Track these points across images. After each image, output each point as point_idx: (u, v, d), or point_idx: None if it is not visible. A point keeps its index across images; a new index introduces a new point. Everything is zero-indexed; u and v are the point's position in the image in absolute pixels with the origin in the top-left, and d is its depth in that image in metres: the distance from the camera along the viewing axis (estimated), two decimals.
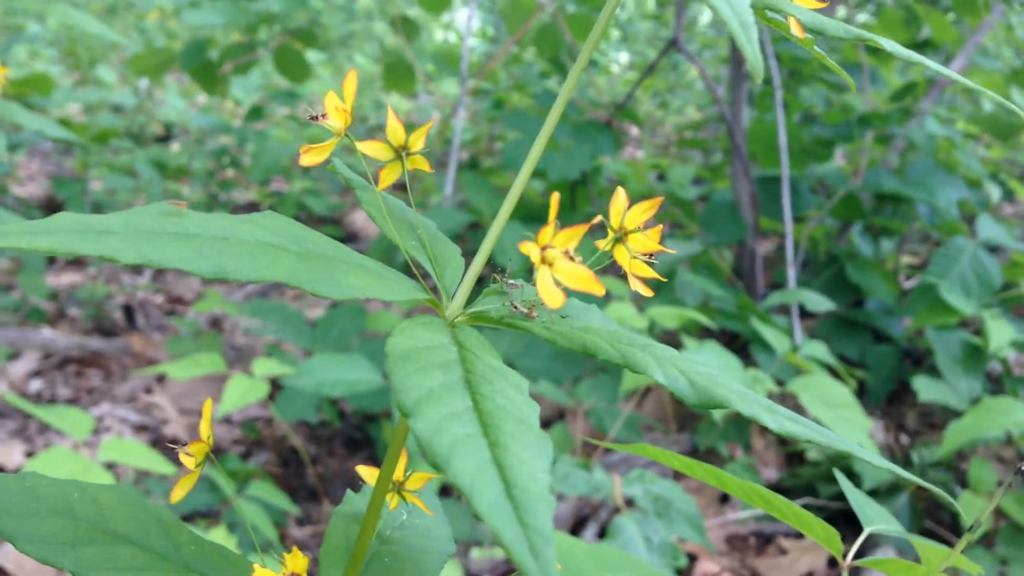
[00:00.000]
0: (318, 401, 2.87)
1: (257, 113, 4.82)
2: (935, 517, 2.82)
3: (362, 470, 0.85)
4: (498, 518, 0.49)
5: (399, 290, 0.67)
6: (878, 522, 1.19)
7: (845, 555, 1.00)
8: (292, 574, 0.74)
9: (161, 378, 3.46)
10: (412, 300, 0.67)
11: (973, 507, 2.50)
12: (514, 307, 0.69)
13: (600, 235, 0.70)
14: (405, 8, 5.30)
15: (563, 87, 0.69)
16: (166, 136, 6.49)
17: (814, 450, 2.96)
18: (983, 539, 2.63)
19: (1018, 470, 0.88)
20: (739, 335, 3.58)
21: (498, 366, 0.62)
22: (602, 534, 2.60)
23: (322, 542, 0.86)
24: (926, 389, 2.96)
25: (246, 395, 2.52)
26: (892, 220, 3.82)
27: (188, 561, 0.79)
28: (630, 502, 2.31)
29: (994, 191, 3.94)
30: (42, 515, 0.76)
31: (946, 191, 3.49)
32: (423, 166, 0.73)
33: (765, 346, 3.04)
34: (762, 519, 2.78)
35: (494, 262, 2.77)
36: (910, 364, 3.56)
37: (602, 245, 0.69)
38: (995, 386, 3.37)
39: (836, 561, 2.53)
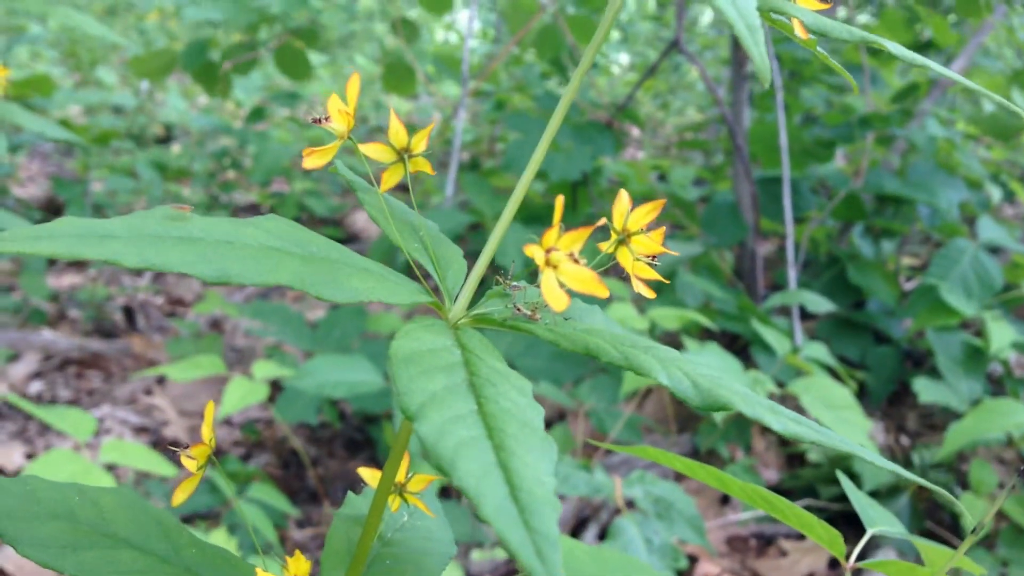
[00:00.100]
0: (319, 403, 2.87)
1: (258, 114, 4.82)
2: (935, 518, 2.81)
3: (364, 472, 0.85)
4: (504, 521, 0.49)
5: (402, 293, 0.67)
6: (880, 523, 1.19)
7: (847, 556, 1.00)
8: None
9: (161, 380, 3.46)
10: (415, 303, 0.67)
11: (974, 509, 2.50)
12: (517, 309, 0.69)
13: (601, 236, 0.70)
14: (406, 9, 5.30)
15: (566, 90, 0.69)
16: (167, 137, 6.49)
17: (815, 452, 2.96)
18: (984, 540, 2.63)
19: (1020, 472, 0.88)
20: (740, 336, 3.58)
21: (502, 368, 0.62)
22: (603, 535, 2.60)
23: (323, 544, 0.86)
24: (927, 390, 2.96)
25: (246, 397, 2.52)
26: (893, 221, 3.82)
27: (189, 564, 0.79)
28: (631, 503, 2.31)
29: (995, 192, 3.94)
30: (43, 518, 0.76)
31: (947, 192, 3.50)
32: (425, 168, 0.73)
33: (766, 347, 3.04)
34: (763, 520, 2.78)
35: (496, 264, 2.77)
36: (911, 365, 3.56)
37: (605, 247, 0.68)
38: (996, 387, 3.37)
39: (837, 562, 2.53)
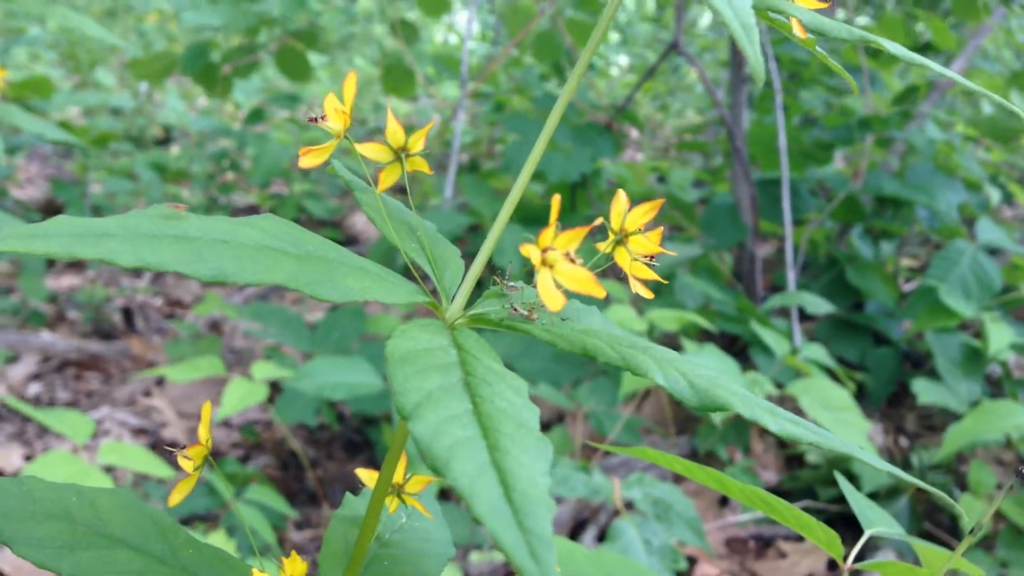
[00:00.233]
0: (318, 404, 2.87)
1: (257, 116, 4.81)
2: (934, 520, 2.81)
3: (361, 473, 0.85)
4: (497, 522, 0.48)
5: (399, 292, 0.67)
6: (879, 525, 1.19)
7: (846, 558, 0.99)
8: None
9: (160, 381, 3.46)
10: (412, 302, 0.67)
11: (972, 510, 2.50)
12: (514, 309, 0.69)
13: (599, 237, 0.70)
14: (405, 11, 5.30)
15: (563, 91, 0.69)
16: (166, 139, 6.48)
17: (813, 453, 2.96)
18: (983, 542, 2.63)
19: (1018, 473, 0.88)
20: (739, 338, 3.58)
21: (498, 368, 0.62)
22: (601, 537, 2.60)
23: (321, 546, 0.85)
24: (926, 392, 2.96)
25: (245, 398, 2.51)
26: (892, 223, 3.82)
27: (186, 565, 0.79)
28: (629, 505, 2.31)
29: (994, 194, 3.94)
30: (40, 518, 0.76)
31: (946, 194, 3.49)
32: (422, 168, 0.73)
33: (765, 349, 3.04)
34: (761, 522, 2.78)
35: (493, 264, 2.77)
36: (910, 367, 3.56)
37: (603, 247, 0.68)
38: (995, 389, 3.37)
39: (835, 564, 2.53)
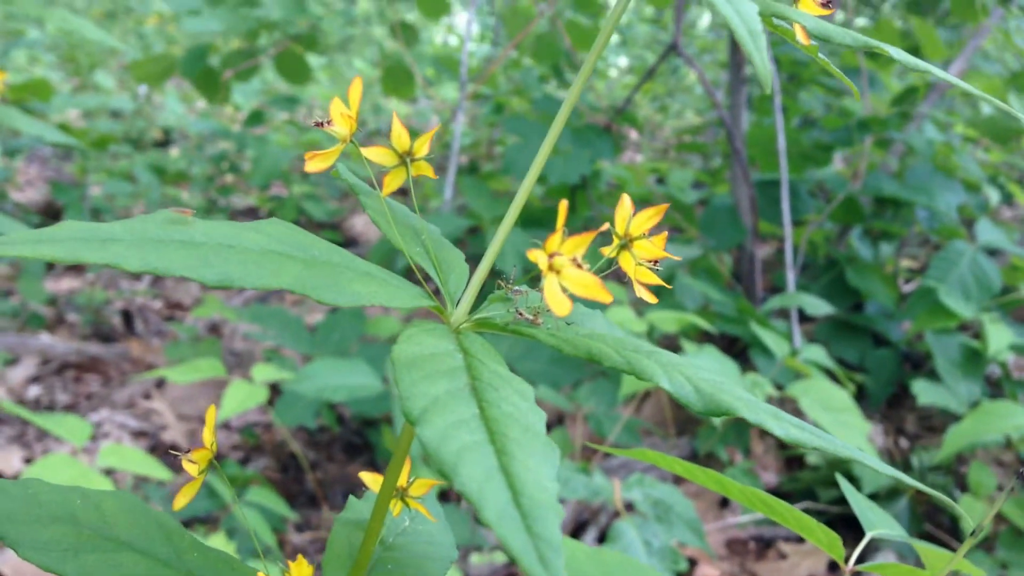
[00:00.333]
0: (317, 406, 2.87)
1: (256, 118, 4.81)
2: (935, 521, 2.81)
3: (365, 476, 0.85)
4: (506, 527, 0.49)
5: (405, 297, 0.67)
6: (880, 526, 1.19)
7: (847, 559, 1.00)
8: None
9: (160, 383, 3.46)
10: (417, 307, 0.67)
11: (973, 511, 2.50)
12: (519, 314, 0.69)
13: (600, 241, 0.70)
14: (404, 13, 5.30)
15: (568, 95, 0.69)
16: (165, 141, 6.48)
17: (814, 455, 2.96)
18: (983, 543, 2.63)
19: (1019, 475, 0.88)
20: (738, 339, 3.58)
21: (504, 372, 0.62)
22: (602, 538, 2.60)
23: (322, 548, 0.86)
24: (925, 393, 2.96)
25: (245, 401, 2.51)
26: (891, 224, 3.82)
27: (191, 568, 0.79)
28: (630, 506, 2.31)
29: (993, 195, 3.94)
30: (44, 521, 0.76)
31: (945, 195, 3.50)
32: (427, 172, 0.73)
33: (764, 350, 3.04)
34: (762, 523, 2.78)
35: (495, 268, 2.76)
36: (909, 368, 3.56)
37: (608, 251, 0.68)
38: (994, 390, 3.37)
39: (836, 565, 2.53)
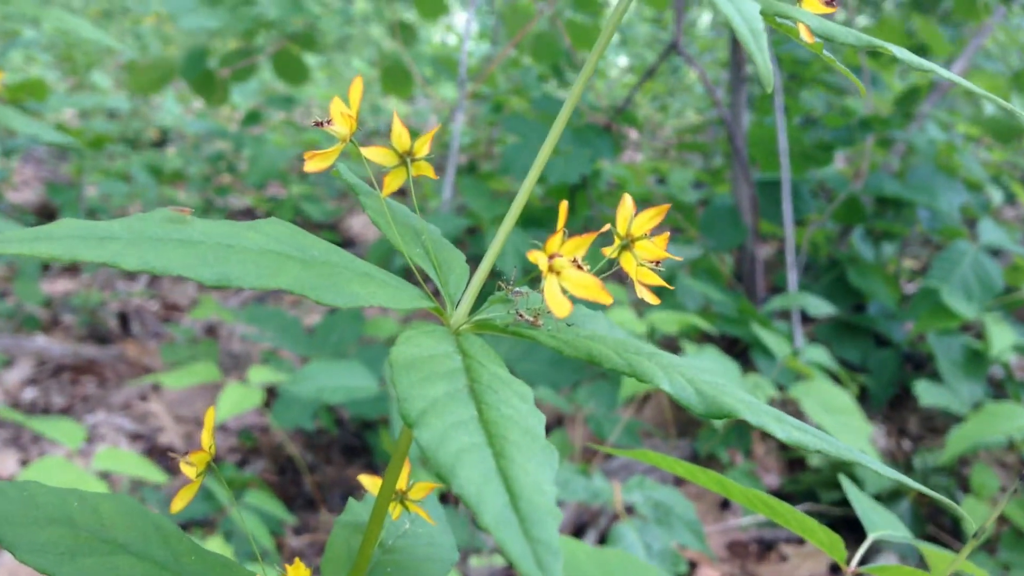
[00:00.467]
0: (315, 408, 2.86)
1: (254, 118, 4.81)
2: (937, 522, 2.81)
3: (364, 479, 0.85)
4: (504, 531, 0.48)
5: (404, 298, 0.66)
6: (883, 527, 1.18)
7: (848, 561, 0.99)
8: None
9: (157, 386, 3.45)
10: (417, 308, 0.67)
11: (975, 512, 2.50)
12: (519, 315, 0.68)
13: (600, 241, 0.69)
14: (402, 12, 5.29)
15: (569, 95, 0.68)
16: (162, 141, 6.48)
17: (816, 456, 2.95)
18: (985, 544, 2.62)
19: (1021, 476, 0.87)
20: (739, 340, 3.57)
21: (503, 375, 0.62)
22: (602, 541, 2.59)
23: (321, 551, 0.85)
24: (927, 394, 2.95)
25: (241, 403, 2.51)
26: (893, 224, 3.82)
27: (188, 571, 0.78)
28: (630, 509, 2.30)
29: (995, 194, 3.94)
30: (42, 524, 0.76)
31: (947, 195, 3.49)
32: (427, 172, 0.72)
33: (766, 351, 3.04)
34: (763, 525, 2.77)
35: (495, 268, 2.76)
36: (912, 369, 3.56)
37: (609, 252, 0.68)
38: (997, 390, 3.36)
39: (838, 567, 2.52)
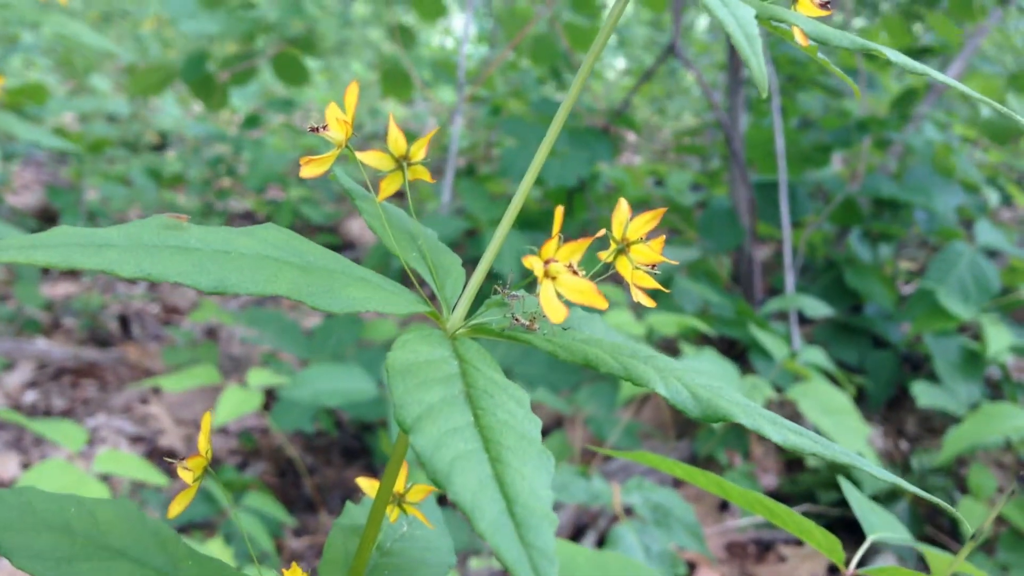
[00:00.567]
0: (314, 411, 2.86)
1: (253, 121, 4.81)
2: (935, 523, 2.81)
3: (362, 482, 0.85)
4: (499, 536, 0.48)
5: (400, 303, 0.66)
6: (881, 528, 1.18)
7: (847, 562, 0.99)
8: None
9: (157, 388, 3.45)
10: (412, 313, 0.67)
11: (973, 513, 2.50)
12: (515, 319, 0.68)
13: (599, 244, 0.69)
14: (401, 15, 5.30)
15: (566, 96, 0.68)
16: (161, 145, 6.48)
17: (813, 457, 2.95)
18: (984, 545, 2.63)
19: (1019, 477, 0.87)
20: (737, 341, 3.58)
21: (499, 380, 0.62)
22: (601, 543, 2.59)
23: (320, 553, 0.85)
24: (925, 395, 2.95)
25: (241, 406, 2.51)
26: (890, 225, 3.82)
27: None
28: (629, 510, 2.30)
29: (992, 196, 3.94)
30: (39, 530, 0.76)
31: (944, 196, 3.49)
32: (424, 176, 0.72)
33: (763, 352, 3.04)
34: (761, 527, 2.77)
35: (493, 270, 2.76)
36: (909, 370, 3.56)
37: (604, 256, 0.68)
38: (994, 391, 3.36)
39: (837, 568, 2.52)
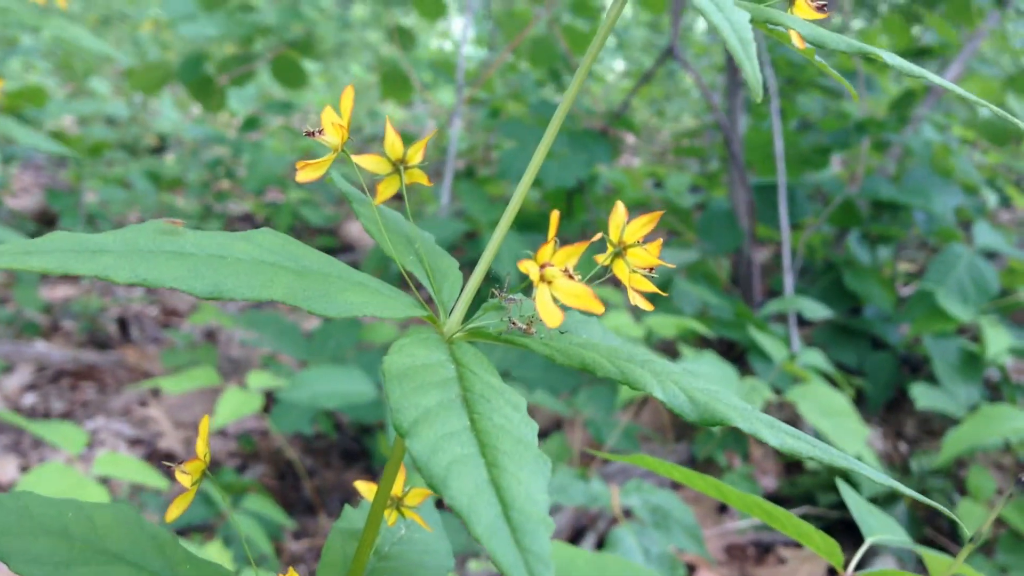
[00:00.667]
0: (313, 413, 2.86)
1: (252, 124, 4.81)
2: (934, 525, 2.81)
3: (360, 486, 0.85)
4: (495, 541, 0.48)
5: (397, 307, 0.66)
6: (880, 530, 1.18)
7: (846, 565, 0.99)
8: None
9: (156, 391, 3.44)
10: (409, 317, 0.67)
11: (972, 515, 2.49)
12: (512, 323, 0.68)
13: (597, 246, 0.69)
14: (400, 17, 5.30)
15: (563, 98, 0.68)
16: (160, 147, 6.48)
17: (812, 460, 2.95)
18: (983, 547, 2.62)
19: (1017, 480, 0.87)
20: (736, 343, 3.58)
21: (496, 384, 0.62)
22: (600, 545, 2.59)
23: (320, 556, 0.85)
24: (924, 397, 2.95)
25: (240, 408, 2.51)
26: (889, 227, 3.82)
27: None
28: (628, 513, 2.30)
29: (991, 197, 3.94)
30: (37, 534, 0.76)
31: (943, 198, 3.49)
32: (421, 180, 0.72)
33: (762, 354, 3.04)
34: (761, 528, 2.77)
35: (491, 272, 2.76)
36: (908, 371, 3.56)
37: (601, 260, 0.68)
38: (993, 393, 3.36)
39: (835, 571, 2.52)
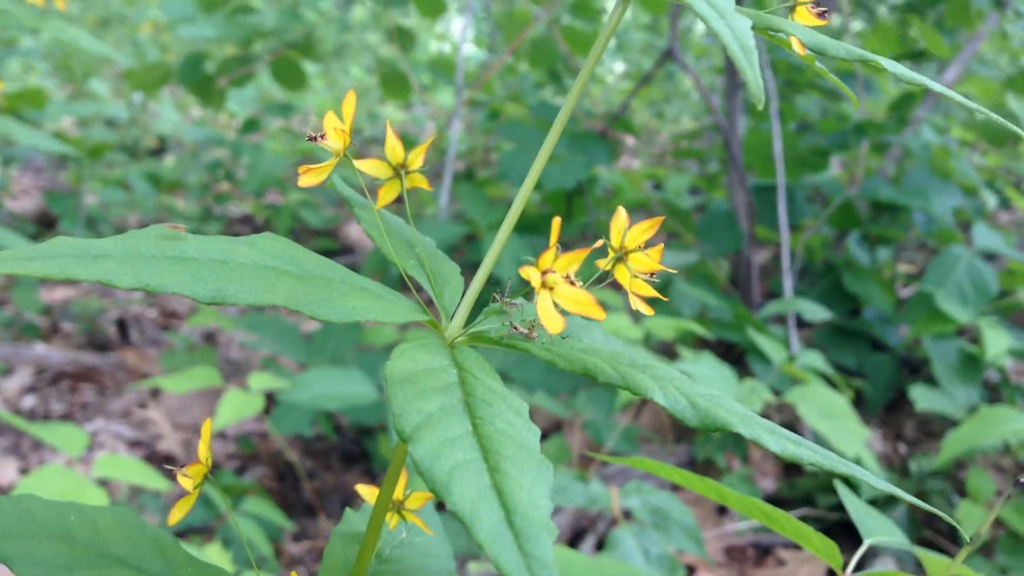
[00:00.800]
0: (313, 415, 2.86)
1: (252, 126, 4.81)
2: (933, 526, 2.81)
3: (361, 489, 0.85)
4: (498, 547, 0.48)
5: (398, 312, 0.66)
6: (878, 532, 1.19)
7: (845, 567, 0.99)
8: None
9: (156, 393, 3.45)
10: (411, 321, 0.67)
11: (971, 516, 2.50)
12: (514, 328, 0.68)
13: (598, 251, 0.69)
14: (399, 19, 5.30)
15: (565, 101, 0.69)
16: (160, 149, 6.48)
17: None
18: (982, 549, 2.63)
19: (1017, 482, 0.88)
20: (736, 345, 3.58)
21: (498, 388, 0.62)
22: (599, 546, 2.59)
23: (320, 557, 0.85)
24: (923, 398, 2.95)
25: (241, 410, 2.51)
26: (888, 228, 3.82)
27: None
28: (628, 514, 2.30)
29: (990, 199, 3.95)
30: (39, 538, 0.76)
31: (942, 199, 3.50)
32: (421, 184, 0.73)
33: (762, 356, 3.04)
34: (760, 530, 2.78)
35: (492, 275, 2.76)
36: (908, 373, 3.56)
37: (603, 265, 0.68)
38: (992, 394, 3.37)
39: (835, 572, 2.52)
